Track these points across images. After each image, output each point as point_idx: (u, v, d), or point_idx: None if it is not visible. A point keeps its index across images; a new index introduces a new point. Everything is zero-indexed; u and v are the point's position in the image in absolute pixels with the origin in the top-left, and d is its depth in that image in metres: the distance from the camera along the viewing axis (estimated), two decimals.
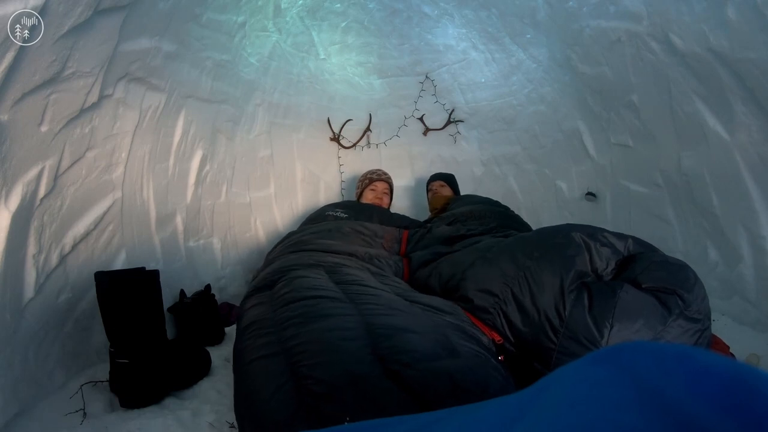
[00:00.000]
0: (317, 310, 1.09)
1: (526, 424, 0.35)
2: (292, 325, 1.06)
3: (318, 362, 0.91)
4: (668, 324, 1.00)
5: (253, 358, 1.04)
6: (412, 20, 2.95)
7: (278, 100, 2.87)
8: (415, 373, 0.87)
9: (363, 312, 1.09)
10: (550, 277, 1.10)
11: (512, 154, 3.20)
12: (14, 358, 1.23)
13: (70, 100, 1.37)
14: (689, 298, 1.02)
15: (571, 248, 1.13)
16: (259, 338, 1.09)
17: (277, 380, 0.93)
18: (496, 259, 1.28)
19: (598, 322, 1.00)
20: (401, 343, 0.94)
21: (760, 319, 1.66)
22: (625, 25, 1.95)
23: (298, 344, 0.98)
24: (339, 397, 0.83)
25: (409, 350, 0.92)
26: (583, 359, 0.40)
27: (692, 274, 1.08)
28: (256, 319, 1.19)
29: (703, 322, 1.04)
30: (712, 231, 1.85)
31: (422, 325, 1.03)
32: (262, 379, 0.96)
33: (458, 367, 0.89)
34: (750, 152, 1.62)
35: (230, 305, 2.30)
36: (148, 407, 1.39)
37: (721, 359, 0.33)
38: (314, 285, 1.25)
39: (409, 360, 0.90)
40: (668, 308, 1.01)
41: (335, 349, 0.93)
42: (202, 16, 1.99)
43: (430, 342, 0.96)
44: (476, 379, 0.88)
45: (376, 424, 0.50)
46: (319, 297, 1.17)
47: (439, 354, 0.93)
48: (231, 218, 2.55)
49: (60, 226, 1.43)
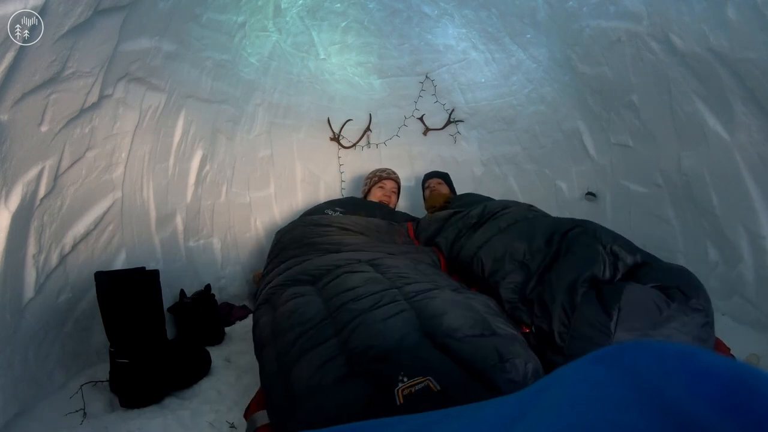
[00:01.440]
0: (367, 301, 1.15)
1: (526, 424, 0.35)
2: (344, 311, 1.12)
3: (371, 335, 0.98)
4: (672, 310, 1.07)
5: (302, 338, 1.07)
6: (412, 20, 2.95)
7: (278, 100, 2.87)
8: (462, 345, 0.94)
9: (409, 298, 1.17)
10: (570, 273, 1.20)
11: (512, 154, 3.20)
12: (14, 358, 1.23)
13: (70, 100, 1.37)
14: (690, 292, 1.10)
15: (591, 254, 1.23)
16: (308, 321, 1.13)
17: (329, 353, 0.98)
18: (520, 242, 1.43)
19: (606, 307, 1.08)
20: (446, 321, 1.02)
21: (760, 319, 1.66)
22: (625, 25, 1.95)
23: (352, 327, 1.05)
24: (394, 358, 0.89)
25: (454, 328, 1.00)
26: (584, 359, 0.40)
27: (693, 276, 1.16)
28: (303, 305, 1.23)
29: (705, 314, 1.10)
30: (712, 231, 1.85)
31: (462, 308, 1.10)
32: (311, 353, 1.01)
33: (502, 343, 0.96)
34: (750, 152, 1.62)
35: (230, 305, 2.30)
36: (148, 407, 1.39)
37: (722, 359, 0.33)
38: (362, 279, 1.30)
39: (456, 335, 0.97)
40: (670, 297, 1.09)
41: (386, 326, 1.01)
42: (202, 16, 1.99)
43: (472, 321, 1.03)
44: (519, 353, 0.94)
45: (376, 424, 0.50)
46: (366, 286, 1.24)
47: (483, 333, 1.00)
48: (231, 218, 2.55)
49: (60, 226, 1.43)
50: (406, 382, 0.82)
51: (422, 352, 0.92)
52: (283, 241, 1.93)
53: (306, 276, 1.45)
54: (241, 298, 2.49)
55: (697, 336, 1.08)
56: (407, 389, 0.81)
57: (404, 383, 0.82)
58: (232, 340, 1.98)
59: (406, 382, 0.82)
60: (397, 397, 0.80)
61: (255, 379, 1.53)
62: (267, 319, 1.29)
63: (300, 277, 1.45)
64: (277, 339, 1.15)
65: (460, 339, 0.96)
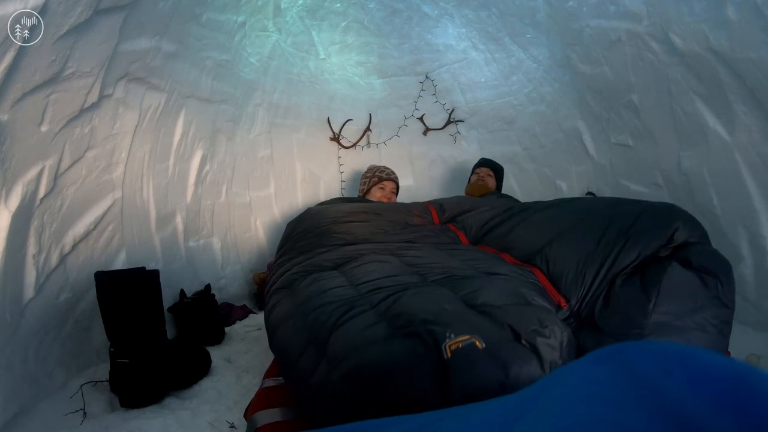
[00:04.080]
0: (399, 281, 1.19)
1: (527, 424, 0.35)
2: (377, 291, 1.15)
3: (412, 306, 1.01)
4: (705, 299, 1.11)
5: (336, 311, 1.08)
6: (412, 20, 2.95)
7: (278, 100, 2.87)
8: (503, 311, 0.98)
9: (440, 264, 1.22)
10: (624, 259, 1.20)
11: (512, 153, 3.20)
12: (14, 358, 1.23)
13: (70, 100, 1.37)
14: (726, 285, 1.13)
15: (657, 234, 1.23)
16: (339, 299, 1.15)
17: (369, 321, 1.01)
18: (574, 239, 1.37)
19: (647, 290, 1.12)
20: (483, 295, 1.06)
21: (760, 319, 1.66)
22: (625, 24, 1.95)
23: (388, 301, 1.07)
24: (440, 319, 0.92)
25: (492, 298, 1.05)
26: (584, 359, 0.40)
27: (732, 272, 1.19)
28: (332, 287, 1.24)
29: (731, 312, 1.14)
30: (712, 231, 1.83)
31: (496, 285, 1.14)
32: (350, 322, 1.02)
33: (539, 313, 0.99)
34: (750, 152, 1.62)
35: (230, 305, 2.30)
36: (148, 407, 1.39)
37: (722, 359, 0.33)
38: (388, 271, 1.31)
39: (496, 303, 1.02)
40: (707, 286, 1.12)
41: (425, 299, 1.05)
42: (202, 16, 1.99)
43: (508, 293, 1.08)
44: (556, 323, 0.96)
45: (376, 424, 0.50)
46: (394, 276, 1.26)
47: (520, 302, 1.06)
48: (231, 218, 2.55)
49: (60, 226, 1.43)
50: (453, 338, 0.85)
51: (466, 316, 0.96)
52: (297, 231, 1.89)
53: (330, 262, 1.47)
54: (241, 298, 2.49)
55: (721, 331, 1.12)
56: (454, 345, 0.84)
57: (451, 339, 0.85)
58: (232, 340, 1.98)
59: (453, 338, 0.85)
60: (444, 352, 0.83)
61: (255, 379, 1.53)
62: (287, 301, 1.30)
63: (323, 263, 1.47)
64: (307, 313, 1.15)
65: (501, 306, 1.01)
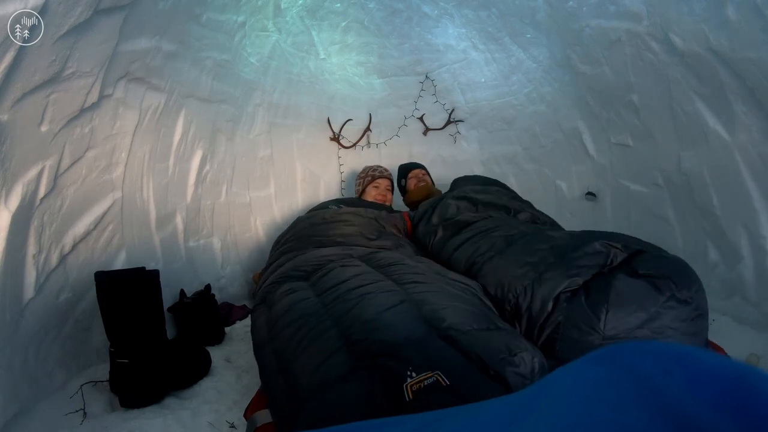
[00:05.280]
0: (363, 290, 1.12)
1: (526, 425, 0.35)
2: (340, 302, 1.09)
3: (375, 328, 0.94)
4: (660, 304, 1.05)
5: (298, 334, 1.04)
6: (412, 20, 2.95)
7: (278, 100, 2.87)
8: (469, 338, 0.91)
9: (408, 291, 1.13)
10: (560, 280, 1.15)
11: (512, 153, 3.20)
12: (14, 358, 1.23)
13: (70, 100, 1.37)
14: (681, 282, 1.07)
15: (589, 259, 1.17)
16: (303, 317, 1.10)
17: (330, 347, 0.94)
18: (512, 256, 1.34)
19: (595, 308, 1.06)
20: (449, 315, 0.98)
21: (760, 319, 1.66)
22: (625, 24, 1.95)
23: (351, 319, 1.00)
24: (400, 353, 0.85)
25: (460, 321, 0.96)
26: (583, 359, 0.40)
27: (687, 266, 1.14)
28: (297, 301, 1.19)
29: (695, 308, 1.08)
30: (712, 231, 1.85)
31: (464, 302, 1.08)
32: (311, 350, 0.97)
33: (509, 336, 0.94)
34: (750, 152, 1.62)
35: (230, 305, 2.30)
36: (148, 407, 1.39)
37: (722, 359, 0.32)
38: (355, 273, 1.27)
39: (462, 328, 0.94)
40: (659, 289, 1.06)
41: (389, 320, 0.97)
42: (202, 16, 1.99)
43: (474, 315, 1.01)
44: (526, 347, 0.92)
45: (376, 424, 0.50)
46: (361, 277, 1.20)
47: (488, 327, 0.98)
48: (231, 218, 2.55)
49: (60, 226, 1.43)
50: (414, 377, 0.79)
51: (429, 346, 0.89)
52: (281, 240, 1.92)
53: (298, 272, 1.43)
54: (241, 298, 2.49)
55: (686, 331, 1.06)
56: (416, 384, 0.78)
57: (413, 378, 0.79)
58: (232, 340, 1.98)
59: (415, 377, 0.79)
60: (406, 393, 0.77)
61: (255, 379, 1.53)
62: (263, 319, 1.27)
63: (292, 272, 1.43)
64: (274, 338, 1.12)
65: (467, 332, 0.94)
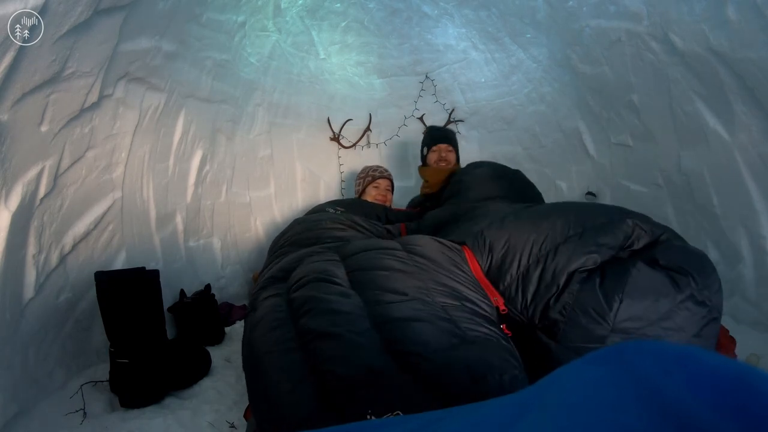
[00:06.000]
0: (325, 304, 1.06)
1: (526, 425, 0.35)
2: (305, 314, 1.04)
3: (335, 356, 0.91)
4: (677, 303, 0.99)
5: (271, 350, 1.01)
6: (412, 20, 2.95)
7: (278, 100, 2.87)
8: (431, 366, 0.87)
9: (368, 301, 1.06)
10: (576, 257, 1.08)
11: (512, 153, 3.20)
12: (14, 358, 1.23)
13: (70, 100, 1.37)
14: (701, 282, 1.01)
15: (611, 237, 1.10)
16: (274, 330, 1.05)
17: (297, 374, 0.92)
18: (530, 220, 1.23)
19: (608, 295, 1.00)
20: (412, 335, 0.93)
21: (760, 319, 1.66)
22: (625, 24, 1.95)
23: (313, 338, 0.97)
24: (359, 394, 0.83)
25: (421, 342, 0.91)
26: (583, 359, 0.40)
27: (709, 264, 1.07)
28: (270, 310, 1.14)
29: (710, 310, 1.03)
30: (712, 231, 1.85)
31: (428, 311, 1.01)
32: (280, 373, 0.95)
33: (474, 356, 0.89)
34: (750, 152, 1.62)
35: (230, 305, 2.30)
36: (148, 407, 1.39)
37: (722, 359, 0.32)
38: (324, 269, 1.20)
39: (424, 352, 0.89)
40: (678, 287, 1.00)
41: (349, 344, 0.93)
42: (202, 16, 1.99)
43: (439, 331, 0.95)
44: (492, 365, 0.88)
45: (375, 425, 0.50)
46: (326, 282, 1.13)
47: (453, 343, 0.93)
48: (231, 218, 2.55)
49: (60, 226, 1.43)
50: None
51: (388, 380, 0.85)
52: (278, 244, 1.91)
53: (281, 272, 1.36)
54: (241, 298, 2.49)
55: (697, 333, 1.02)
56: None
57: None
58: (232, 340, 1.98)
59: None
60: None
61: None
62: (248, 328, 1.21)
63: (277, 273, 1.36)
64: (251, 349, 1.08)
65: (430, 357, 0.89)
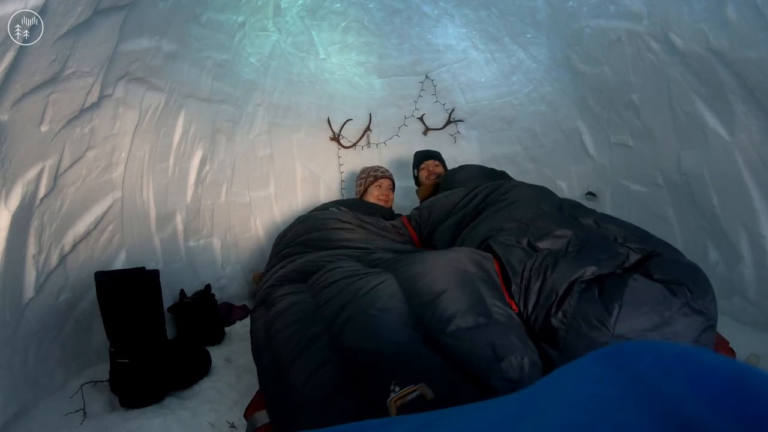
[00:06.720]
0: (355, 287, 1.12)
1: (527, 424, 0.35)
2: (332, 303, 1.09)
3: (360, 336, 0.94)
4: (674, 310, 1.03)
5: (294, 337, 1.05)
6: (412, 20, 2.95)
7: (278, 100, 2.87)
8: (455, 341, 0.90)
9: (399, 275, 1.12)
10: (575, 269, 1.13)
11: (512, 153, 3.20)
12: (14, 358, 1.23)
13: (70, 100, 1.37)
14: (696, 291, 1.05)
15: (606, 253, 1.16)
16: (299, 321, 1.10)
17: (321, 356, 0.95)
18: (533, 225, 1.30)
19: (607, 303, 1.04)
20: (440, 310, 0.97)
21: (760, 319, 1.66)
22: (625, 24, 1.95)
23: (340, 321, 1.01)
24: (384, 367, 0.86)
25: (447, 318, 0.95)
26: (583, 359, 0.40)
27: (703, 275, 1.12)
28: (294, 303, 1.20)
29: (707, 318, 1.06)
30: (712, 231, 1.85)
31: (455, 283, 1.04)
32: (303, 357, 0.98)
33: (497, 334, 0.92)
34: (750, 152, 1.62)
35: (230, 305, 2.30)
36: (148, 407, 1.39)
37: (722, 359, 0.32)
38: (351, 271, 1.27)
39: (448, 330, 0.93)
40: (675, 294, 1.04)
41: (376, 321, 0.96)
42: (202, 16, 1.99)
43: (466, 305, 0.99)
44: (513, 349, 0.90)
45: (375, 425, 0.50)
46: (356, 275, 1.20)
47: (477, 322, 0.96)
48: (231, 218, 2.55)
49: (60, 226, 1.43)
50: (398, 392, 0.79)
51: (414, 354, 0.89)
52: (282, 242, 1.92)
53: (297, 274, 1.43)
54: (241, 298, 2.49)
55: (696, 340, 1.05)
56: (400, 400, 0.77)
57: (396, 393, 0.79)
58: (232, 340, 1.98)
59: (399, 392, 0.79)
60: (390, 409, 0.76)
61: (255, 379, 1.52)
62: (262, 321, 1.28)
63: (292, 275, 1.43)
64: (271, 341, 1.13)
65: (453, 334, 0.93)
